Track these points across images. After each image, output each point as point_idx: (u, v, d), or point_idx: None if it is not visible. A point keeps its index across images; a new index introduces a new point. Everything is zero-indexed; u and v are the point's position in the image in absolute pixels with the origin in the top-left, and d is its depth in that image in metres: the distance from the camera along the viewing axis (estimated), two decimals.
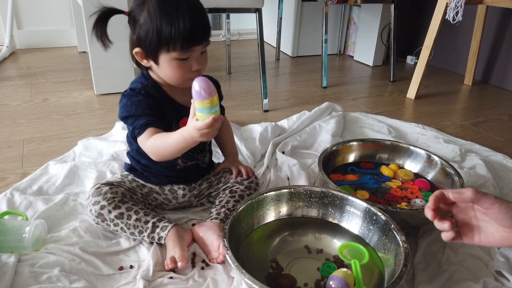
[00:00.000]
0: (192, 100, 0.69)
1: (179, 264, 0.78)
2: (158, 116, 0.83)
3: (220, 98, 1.02)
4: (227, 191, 0.96)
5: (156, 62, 0.80)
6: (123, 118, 0.84)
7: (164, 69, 0.81)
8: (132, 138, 0.85)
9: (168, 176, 0.94)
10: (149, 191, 0.94)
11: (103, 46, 0.81)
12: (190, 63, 0.79)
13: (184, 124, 0.76)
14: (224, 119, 1.06)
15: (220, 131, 1.05)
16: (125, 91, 0.85)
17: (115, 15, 0.81)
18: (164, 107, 0.85)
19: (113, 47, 0.82)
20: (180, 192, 0.96)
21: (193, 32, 0.76)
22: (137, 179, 0.94)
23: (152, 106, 0.83)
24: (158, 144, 0.79)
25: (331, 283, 0.71)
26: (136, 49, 0.80)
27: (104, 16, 0.80)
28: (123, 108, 0.84)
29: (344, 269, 0.74)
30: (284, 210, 0.92)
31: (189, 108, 0.73)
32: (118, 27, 0.82)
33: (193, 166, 0.95)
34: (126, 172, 0.97)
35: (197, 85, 0.66)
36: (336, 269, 0.78)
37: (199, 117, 0.69)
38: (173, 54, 0.77)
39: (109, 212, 0.84)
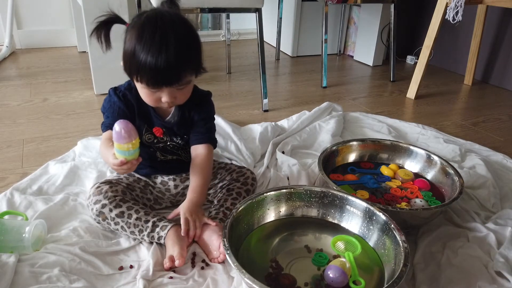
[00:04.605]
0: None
1: (177, 262, 0.78)
2: None
3: (212, 114, 0.95)
4: (224, 190, 0.96)
5: (132, 81, 0.83)
6: (102, 112, 0.89)
7: (138, 90, 0.83)
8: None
9: (151, 166, 0.95)
10: (146, 184, 0.96)
11: (102, 49, 0.82)
12: (160, 95, 0.80)
13: (158, 132, 0.88)
14: (205, 157, 0.89)
15: (192, 170, 0.90)
16: (112, 88, 0.89)
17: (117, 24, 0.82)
18: (139, 113, 0.88)
19: (113, 46, 0.82)
20: (171, 183, 0.97)
21: (160, 74, 0.74)
22: (131, 172, 0.94)
23: (122, 111, 0.86)
24: (101, 149, 0.83)
25: (328, 272, 0.72)
26: (121, 61, 0.81)
27: (107, 22, 0.80)
28: (103, 104, 0.89)
29: (343, 259, 0.75)
30: (284, 210, 0.92)
31: (163, 119, 0.87)
32: (119, 27, 0.82)
33: (175, 160, 0.96)
34: None
35: (117, 128, 0.69)
36: (328, 259, 0.79)
37: (115, 153, 0.73)
38: (141, 84, 0.78)
39: (110, 210, 0.84)
